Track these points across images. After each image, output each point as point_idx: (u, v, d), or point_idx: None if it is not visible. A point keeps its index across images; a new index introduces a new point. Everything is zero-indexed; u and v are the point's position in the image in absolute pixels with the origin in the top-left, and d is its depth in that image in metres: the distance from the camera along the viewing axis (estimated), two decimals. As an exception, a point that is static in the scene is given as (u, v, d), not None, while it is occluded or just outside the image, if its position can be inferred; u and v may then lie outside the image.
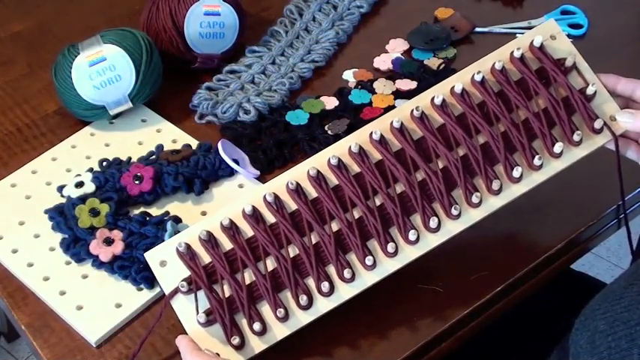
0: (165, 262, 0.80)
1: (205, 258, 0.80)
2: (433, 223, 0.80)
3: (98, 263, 0.87)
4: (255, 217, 0.81)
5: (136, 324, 0.84)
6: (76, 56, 0.98)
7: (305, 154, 0.99)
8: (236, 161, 0.96)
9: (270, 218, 0.81)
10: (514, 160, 0.82)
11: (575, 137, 0.83)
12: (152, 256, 0.81)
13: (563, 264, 0.92)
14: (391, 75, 1.09)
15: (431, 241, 0.81)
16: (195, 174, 0.95)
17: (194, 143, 1.00)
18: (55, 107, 1.06)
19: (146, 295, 0.85)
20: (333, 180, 0.82)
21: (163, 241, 0.86)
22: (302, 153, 1.00)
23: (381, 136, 0.83)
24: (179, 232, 0.87)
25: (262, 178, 0.96)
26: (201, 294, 0.79)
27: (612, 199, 0.93)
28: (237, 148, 0.98)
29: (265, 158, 0.98)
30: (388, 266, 0.80)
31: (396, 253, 0.80)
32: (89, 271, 0.88)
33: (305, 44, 1.13)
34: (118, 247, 0.87)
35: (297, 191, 0.81)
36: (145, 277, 0.85)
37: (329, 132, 1.00)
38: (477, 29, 1.16)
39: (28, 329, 0.84)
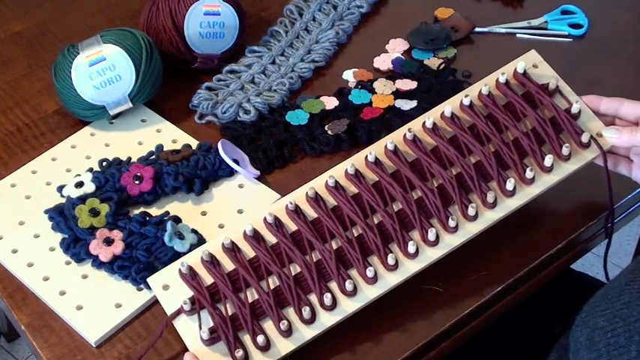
0: (168, 285, 0.81)
1: (208, 279, 0.81)
2: (431, 235, 0.81)
3: (98, 263, 0.87)
4: (255, 237, 0.82)
5: (136, 324, 0.84)
6: (76, 56, 0.98)
7: (305, 154, 0.99)
8: (236, 161, 0.96)
9: (272, 238, 0.83)
10: (506, 175, 0.84)
11: (564, 151, 0.85)
12: (155, 281, 0.82)
13: (563, 264, 0.92)
14: (391, 75, 1.09)
15: (430, 254, 0.82)
16: (195, 174, 0.95)
17: (194, 143, 1.00)
18: (55, 107, 1.06)
19: (146, 295, 0.85)
20: (331, 201, 0.84)
21: (163, 241, 0.87)
22: (302, 153, 1.00)
23: (376, 158, 0.86)
24: (179, 232, 0.88)
25: (262, 178, 0.97)
26: (204, 314, 0.79)
27: (613, 199, 0.93)
28: (237, 148, 0.98)
29: (265, 158, 0.98)
30: (390, 279, 0.81)
31: (396, 266, 0.81)
32: (89, 271, 0.88)
33: (305, 44, 1.13)
34: (118, 247, 0.87)
35: (297, 212, 0.83)
36: (144, 277, 0.85)
37: (329, 132, 1.00)
38: (477, 29, 1.16)
39: (28, 329, 0.84)
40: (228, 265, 0.82)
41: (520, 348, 1.03)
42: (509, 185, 0.83)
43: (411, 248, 0.81)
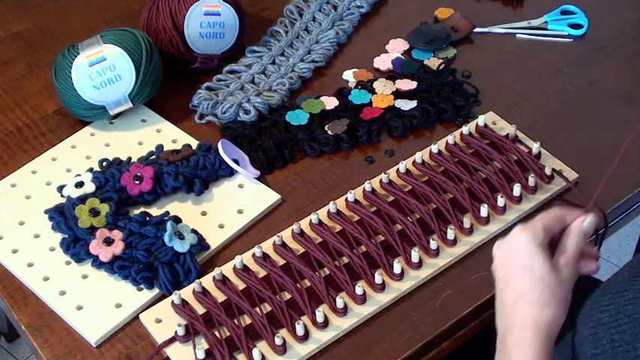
0: (160, 319, 0.83)
1: (200, 310, 0.83)
2: (415, 257, 0.85)
3: (98, 263, 0.87)
4: (246, 271, 0.86)
5: (136, 324, 0.84)
6: (76, 56, 0.98)
7: (305, 154, 0.99)
8: (236, 161, 0.96)
9: (261, 270, 0.86)
10: (479, 206, 0.89)
11: (531, 181, 0.91)
12: (147, 316, 0.83)
13: (563, 264, 0.92)
14: (391, 75, 1.09)
15: (417, 274, 0.85)
16: (195, 174, 0.95)
17: (194, 143, 1.00)
18: (55, 107, 1.06)
19: (146, 295, 0.85)
20: (316, 237, 0.89)
21: (163, 241, 0.87)
22: (302, 153, 1.00)
23: (355, 199, 0.91)
24: (179, 232, 0.88)
25: (262, 178, 0.96)
26: (198, 339, 0.80)
27: (612, 199, 0.93)
28: (237, 148, 0.98)
29: (265, 158, 0.98)
30: (379, 298, 0.83)
31: (383, 287, 0.84)
32: (89, 271, 0.88)
33: (305, 44, 1.13)
34: (118, 247, 0.87)
35: (284, 247, 0.87)
36: (144, 277, 0.85)
37: (329, 132, 1.00)
38: (477, 29, 1.16)
39: (28, 329, 0.84)
40: (220, 296, 0.84)
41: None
42: (483, 212, 0.88)
43: (397, 269, 0.84)
